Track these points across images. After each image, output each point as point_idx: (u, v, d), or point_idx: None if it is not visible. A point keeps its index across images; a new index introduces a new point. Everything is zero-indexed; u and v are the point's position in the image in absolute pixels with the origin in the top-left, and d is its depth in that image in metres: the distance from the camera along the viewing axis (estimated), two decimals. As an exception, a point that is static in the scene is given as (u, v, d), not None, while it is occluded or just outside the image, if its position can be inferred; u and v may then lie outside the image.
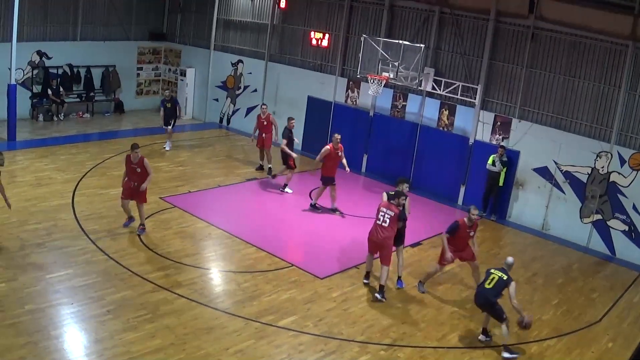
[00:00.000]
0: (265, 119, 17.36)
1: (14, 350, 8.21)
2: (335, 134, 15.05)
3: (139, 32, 23.92)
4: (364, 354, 9.30)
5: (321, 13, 19.97)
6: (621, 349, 10.34)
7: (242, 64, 22.29)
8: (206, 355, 8.76)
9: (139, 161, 12.25)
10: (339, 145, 14.84)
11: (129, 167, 12.35)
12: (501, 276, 9.64)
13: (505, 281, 9.58)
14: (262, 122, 17.37)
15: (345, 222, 14.74)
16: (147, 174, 12.32)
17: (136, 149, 12.21)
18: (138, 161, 12.25)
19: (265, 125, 17.36)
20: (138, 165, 12.26)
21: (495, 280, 9.64)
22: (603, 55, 14.62)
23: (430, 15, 17.43)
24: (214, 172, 17.42)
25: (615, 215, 14.60)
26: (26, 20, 20.13)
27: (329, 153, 14.69)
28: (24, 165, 16.11)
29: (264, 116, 17.38)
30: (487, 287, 9.67)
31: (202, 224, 13.59)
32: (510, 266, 9.88)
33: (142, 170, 12.29)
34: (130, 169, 12.35)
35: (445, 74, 17.08)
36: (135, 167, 12.28)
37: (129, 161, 12.33)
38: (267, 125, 17.37)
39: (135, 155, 12.21)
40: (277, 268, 11.85)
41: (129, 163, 12.32)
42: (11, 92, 17.79)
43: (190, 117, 23.92)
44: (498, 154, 15.63)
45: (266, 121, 17.36)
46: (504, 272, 9.71)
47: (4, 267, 10.46)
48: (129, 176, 12.43)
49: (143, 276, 10.76)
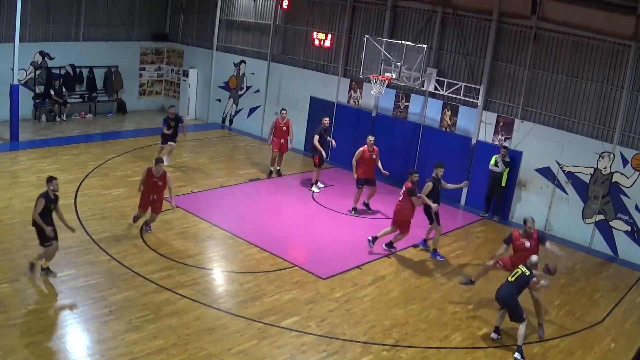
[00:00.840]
0: (284, 124, 17.24)
1: (17, 350, 8.23)
2: (369, 136, 15.16)
3: (142, 33, 23.94)
4: (367, 355, 9.30)
5: (324, 13, 19.97)
6: (624, 349, 10.32)
7: (245, 64, 22.29)
8: (208, 355, 8.76)
9: (161, 175, 12.30)
10: (373, 147, 14.99)
11: (149, 180, 12.34)
12: (524, 271, 9.63)
13: (527, 277, 9.59)
14: (281, 127, 17.18)
15: (347, 223, 14.74)
16: (165, 188, 12.39)
17: (160, 163, 12.36)
18: (161, 175, 12.30)
19: (284, 131, 17.25)
20: (160, 179, 12.32)
21: (518, 274, 9.65)
22: (606, 55, 14.60)
23: (432, 16, 17.42)
24: (217, 172, 17.43)
25: (617, 216, 14.57)
26: (29, 21, 20.18)
27: (362, 156, 14.90)
28: (26, 165, 16.13)
29: (283, 121, 17.22)
30: (510, 281, 9.70)
31: (204, 224, 13.60)
32: (534, 264, 9.77)
33: (162, 184, 12.36)
34: (151, 182, 12.34)
35: (447, 75, 17.07)
36: (157, 180, 12.32)
37: (150, 174, 12.31)
38: (286, 130, 17.25)
39: (158, 170, 12.26)
40: (279, 268, 11.86)
41: (150, 177, 12.31)
42: (14, 93, 17.81)
43: (192, 118, 23.93)
44: (500, 154, 15.62)
45: (285, 126, 17.22)
46: (528, 268, 9.71)
47: (7, 267, 10.48)
48: (149, 189, 12.40)
49: (145, 276, 10.77)
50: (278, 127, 17.27)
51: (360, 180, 15.06)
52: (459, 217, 16.45)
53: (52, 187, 10.11)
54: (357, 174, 14.98)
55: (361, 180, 15.07)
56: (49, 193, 10.11)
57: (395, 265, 12.67)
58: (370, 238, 13.07)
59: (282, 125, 17.25)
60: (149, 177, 12.36)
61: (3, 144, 17.68)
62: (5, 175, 15.18)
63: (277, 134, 17.25)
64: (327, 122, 16.93)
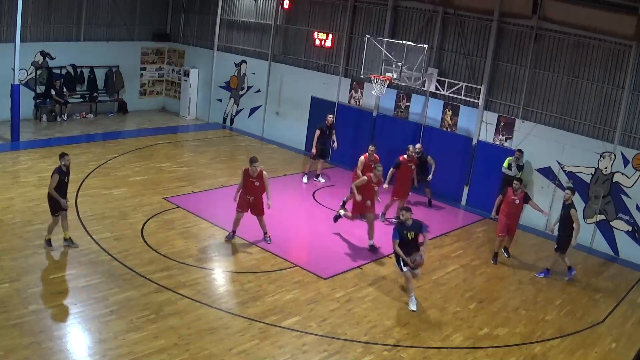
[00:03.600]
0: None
1: (18, 350, 8.23)
2: (370, 146, 14.84)
3: (143, 33, 23.95)
4: (368, 355, 9.30)
5: (325, 13, 19.97)
6: (624, 349, 10.32)
7: (246, 64, 22.29)
8: (210, 355, 8.77)
9: (258, 175, 12.18)
10: (374, 156, 14.56)
11: (247, 180, 12.23)
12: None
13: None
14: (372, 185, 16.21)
15: (348, 223, 14.71)
16: (264, 187, 12.25)
17: (255, 162, 12.11)
18: (257, 175, 12.18)
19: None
20: (257, 179, 12.21)
21: None
22: (606, 55, 14.60)
23: (433, 16, 17.42)
24: (218, 172, 17.43)
25: (618, 216, 14.58)
26: (30, 21, 20.18)
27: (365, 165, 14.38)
28: (27, 165, 16.14)
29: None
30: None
31: (205, 224, 13.61)
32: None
33: (260, 184, 12.24)
34: (248, 183, 12.24)
35: (448, 75, 17.07)
36: (253, 180, 12.21)
37: (247, 175, 12.22)
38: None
39: (254, 169, 12.11)
40: (280, 268, 11.86)
41: (247, 177, 12.22)
42: (15, 93, 17.82)
43: (193, 118, 23.94)
44: (515, 157, 15.47)
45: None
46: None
47: (8, 267, 10.48)
48: (246, 190, 12.33)
49: (146, 276, 10.77)
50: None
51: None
52: (459, 217, 16.45)
53: (64, 162, 11.18)
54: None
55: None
56: (62, 168, 11.17)
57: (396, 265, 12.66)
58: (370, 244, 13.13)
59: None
60: (246, 178, 12.20)
61: (4, 144, 17.69)
62: (6, 175, 15.18)
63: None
64: (331, 119, 17.07)
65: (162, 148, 19.12)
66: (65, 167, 11.17)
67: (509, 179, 15.38)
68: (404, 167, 14.80)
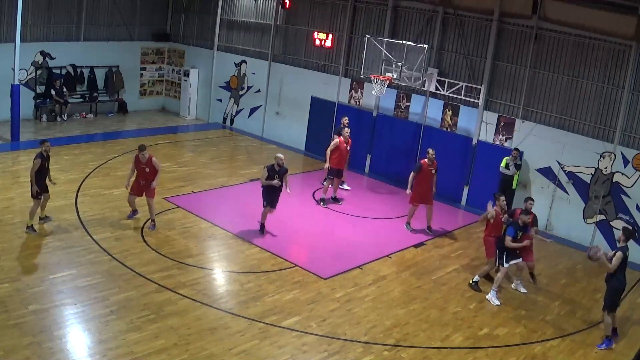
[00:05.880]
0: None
1: (18, 350, 8.24)
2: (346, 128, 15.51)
3: (143, 33, 23.95)
4: (368, 355, 9.30)
5: (325, 13, 19.97)
6: (625, 349, 10.31)
7: (246, 64, 22.29)
8: (210, 355, 8.77)
9: (147, 161, 12.72)
10: (348, 140, 15.47)
11: (138, 167, 12.86)
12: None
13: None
14: (344, 145, 15.59)
15: (349, 223, 14.74)
16: (155, 172, 12.80)
17: (143, 150, 12.73)
18: (147, 161, 12.72)
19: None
20: (147, 165, 12.75)
21: None
22: (606, 55, 14.59)
23: (433, 16, 17.42)
24: (218, 172, 17.43)
25: (618, 216, 14.57)
26: (30, 21, 20.19)
27: (338, 146, 15.24)
28: (27, 165, 15.95)
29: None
30: None
31: (205, 224, 13.61)
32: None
33: (150, 170, 12.75)
34: (139, 169, 12.86)
35: (448, 75, 17.07)
36: (144, 167, 12.78)
37: (138, 161, 12.81)
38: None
39: (143, 156, 12.71)
40: (280, 268, 11.86)
41: (138, 163, 12.80)
42: (15, 93, 17.83)
43: (193, 118, 23.94)
44: (512, 157, 15.50)
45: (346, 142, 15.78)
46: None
47: (8, 267, 10.49)
48: (138, 175, 12.89)
49: (146, 276, 10.78)
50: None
51: (332, 170, 15.33)
52: (459, 217, 16.45)
53: (45, 147, 12.01)
54: (330, 164, 15.31)
55: (333, 170, 15.33)
56: (43, 153, 11.96)
57: (396, 265, 12.67)
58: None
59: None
60: (137, 164, 12.83)
61: (4, 144, 17.69)
62: (6, 175, 15.20)
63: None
64: (347, 121, 16.23)
65: (162, 148, 19.12)
66: (45, 152, 11.97)
67: (508, 178, 15.46)
68: (425, 171, 14.09)
